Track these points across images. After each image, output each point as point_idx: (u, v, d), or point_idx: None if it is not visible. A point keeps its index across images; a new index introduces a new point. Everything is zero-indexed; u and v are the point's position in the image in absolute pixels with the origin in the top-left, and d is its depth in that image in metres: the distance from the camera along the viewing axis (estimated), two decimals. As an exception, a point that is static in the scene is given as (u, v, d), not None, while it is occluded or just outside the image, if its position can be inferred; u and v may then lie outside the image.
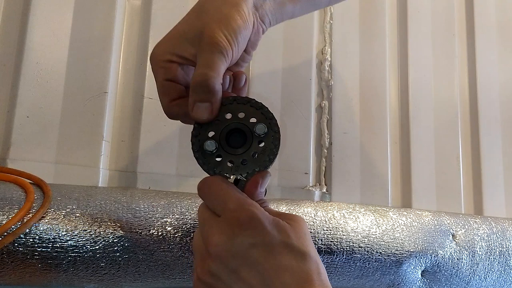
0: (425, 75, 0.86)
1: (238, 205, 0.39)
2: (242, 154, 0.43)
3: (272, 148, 0.43)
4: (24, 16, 0.61)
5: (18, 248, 0.46)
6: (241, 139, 0.43)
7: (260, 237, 0.37)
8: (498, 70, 0.93)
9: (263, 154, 0.43)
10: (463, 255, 0.68)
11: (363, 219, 0.63)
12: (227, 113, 0.44)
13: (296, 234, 0.38)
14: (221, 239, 0.37)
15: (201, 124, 0.43)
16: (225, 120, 0.44)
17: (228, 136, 0.44)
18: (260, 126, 0.43)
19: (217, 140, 0.43)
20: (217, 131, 0.43)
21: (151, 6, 0.68)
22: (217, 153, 0.43)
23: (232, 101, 0.44)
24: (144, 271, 0.52)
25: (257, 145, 0.43)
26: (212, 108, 0.42)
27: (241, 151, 0.43)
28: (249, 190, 0.43)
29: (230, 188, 0.41)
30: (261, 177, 0.43)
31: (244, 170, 0.43)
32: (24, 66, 0.60)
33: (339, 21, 0.81)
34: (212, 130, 0.43)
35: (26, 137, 0.59)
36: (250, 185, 0.43)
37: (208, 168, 0.43)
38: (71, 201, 0.51)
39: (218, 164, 0.43)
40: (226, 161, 0.43)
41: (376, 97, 0.81)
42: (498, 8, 0.96)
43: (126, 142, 0.65)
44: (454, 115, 0.87)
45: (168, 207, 0.54)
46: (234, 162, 0.43)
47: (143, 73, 0.67)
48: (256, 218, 0.38)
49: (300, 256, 0.37)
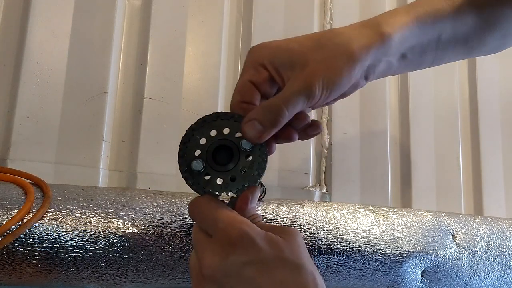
0: (425, 75, 0.86)
1: (228, 223, 0.38)
2: (231, 171, 0.43)
3: (259, 161, 0.42)
4: (24, 16, 0.61)
5: (18, 248, 0.46)
6: (228, 155, 0.43)
7: (253, 254, 0.36)
8: (498, 70, 0.93)
9: (251, 168, 0.42)
10: (463, 255, 0.68)
11: (363, 219, 0.63)
12: (212, 129, 0.43)
13: (289, 247, 0.38)
14: (214, 260, 0.37)
15: (186, 143, 0.43)
16: (210, 137, 0.43)
17: (215, 154, 0.43)
18: (245, 140, 0.42)
19: (203, 159, 0.43)
20: (203, 150, 0.43)
21: (151, 6, 0.68)
22: (205, 172, 0.43)
23: (216, 117, 0.43)
24: (144, 272, 0.52)
25: (245, 160, 0.43)
26: (262, 136, 0.41)
27: (229, 167, 0.43)
28: (240, 207, 0.42)
29: (220, 207, 0.41)
30: (251, 192, 0.43)
31: (234, 187, 0.42)
32: (24, 66, 0.60)
33: (339, 21, 0.81)
34: (198, 149, 0.43)
35: (26, 137, 0.59)
36: (241, 202, 0.42)
37: (198, 187, 0.43)
38: (71, 201, 0.51)
39: (207, 183, 0.43)
40: (215, 179, 0.43)
41: (376, 97, 0.81)
42: (498, 8, 0.96)
43: (126, 142, 0.65)
44: (454, 115, 0.87)
45: (168, 207, 0.54)
46: (223, 180, 0.43)
47: (143, 73, 0.67)
48: (247, 235, 0.37)
49: (295, 269, 0.37)
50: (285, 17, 0.77)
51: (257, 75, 0.44)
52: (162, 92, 0.67)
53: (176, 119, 0.67)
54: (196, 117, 0.45)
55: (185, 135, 0.44)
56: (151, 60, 0.67)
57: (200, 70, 0.70)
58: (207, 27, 0.72)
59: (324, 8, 0.81)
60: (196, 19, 0.71)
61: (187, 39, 0.70)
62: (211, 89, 0.70)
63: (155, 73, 0.67)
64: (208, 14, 0.72)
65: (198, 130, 0.44)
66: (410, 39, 0.45)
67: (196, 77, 0.70)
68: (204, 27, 0.71)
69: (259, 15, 0.75)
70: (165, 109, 0.67)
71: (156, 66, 0.67)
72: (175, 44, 0.69)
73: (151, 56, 0.67)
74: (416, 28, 0.45)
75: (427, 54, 0.48)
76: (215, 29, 0.72)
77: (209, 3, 0.72)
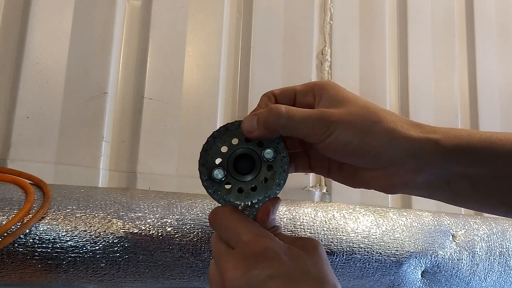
0: (425, 75, 0.86)
1: (252, 236, 0.38)
2: (252, 181, 0.42)
3: (281, 172, 0.42)
4: (24, 16, 0.61)
5: (18, 248, 0.46)
6: (249, 164, 0.42)
7: (277, 268, 0.36)
8: (498, 70, 0.93)
9: (272, 179, 0.42)
10: (463, 255, 0.68)
11: (363, 220, 0.63)
12: (233, 138, 0.42)
13: (312, 260, 0.38)
14: (237, 274, 0.36)
15: (207, 151, 0.42)
16: (232, 146, 0.42)
17: (236, 162, 0.42)
18: (268, 150, 0.41)
19: (225, 167, 0.42)
20: (225, 158, 0.42)
21: (151, 6, 0.68)
22: (226, 181, 0.42)
23: (238, 126, 0.42)
24: (144, 272, 0.52)
25: (266, 170, 0.42)
26: (253, 133, 0.40)
27: (250, 177, 0.42)
28: (261, 218, 0.41)
29: (243, 219, 0.40)
30: (272, 204, 0.42)
31: (255, 197, 0.41)
32: (24, 66, 0.60)
33: (339, 21, 0.81)
34: (219, 157, 0.42)
35: (26, 138, 0.59)
36: (262, 213, 0.41)
37: (218, 197, 0.42)
38: (71, 202, 0.51)
39: (228, 192, 0.42)
40: (236, 188, 0.42)
41: (376, 97, 0.81)
42: (498, 8, 0.96)
43: (126, 143, 0.65)
44: (454, 115, 0.87)
45: (168, 207, 0.54)
46: (244, 189, 0.42)
47: (143, 73, 0.67)
48: (271, 249, 0.37)
49: (318, 283, 0.37)
50: (285, 17, 0.77)
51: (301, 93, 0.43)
52: (162, 92, 0.67)
53: (176, 119, 0.67)
54: (196, 117, 0.45)
55: (206, 143, 0.43)
56: (151, 60, 0.67)
57: (200, 70, 0.70)
58: (207, 27, 0.72)
59: (324, 8, 0.81)
60: (196, 19, 0.71)
61: (187, 39, 0.70)
62: (211, 89, 0.70)
63: (155, 73, 0.67)
64: (208, 14, 0.72)
65: (219, 138, 0.43)
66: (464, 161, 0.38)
67: (196, 77, 0.70)
68: (204, 27, 0.71)
69: (259, 15, 0.75)
70: (165, 109, 0.66)
71: (156, 66, 0.67)
72: (175, 44, 0.69)
73: (151, 56, 0.67)
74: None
75: None
76: (215, 29, 0.72)
77: (209, 3, 0.72)
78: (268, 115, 0.40)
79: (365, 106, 0.39)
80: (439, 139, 0.38)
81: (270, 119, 0.40)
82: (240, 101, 0.73)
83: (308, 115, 0.39)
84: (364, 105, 0.39)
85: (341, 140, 0.38)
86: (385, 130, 0.38)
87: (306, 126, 0.39)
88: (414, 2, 0.88)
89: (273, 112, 0.40)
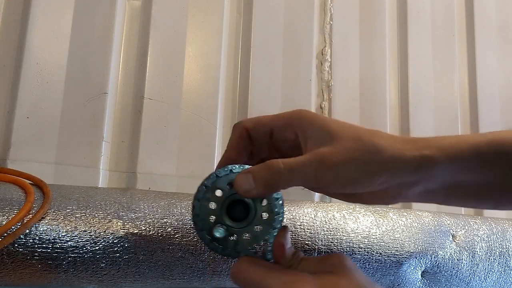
0: (425, 75, 0.86)
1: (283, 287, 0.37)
2: (253, 222, 0.40)
3: (277, 202, 0.41)
4: (24, 16, 0.61)
5: (18, 248, 0.46)
6: (243, 208, 0.41)
7: None
8: (498, 70, 0.93)
9: (271, 212, 0.40)
10: (463, 255, 0.68)
11: (363, 220, 0.63)
12: (216, 190, 0.41)
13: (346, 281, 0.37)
14: None
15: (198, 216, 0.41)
16: (219, 198, 0.41)
17: (229, 211, 0.41)
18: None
19: (222, 222, 0.40)
20: (218, 214, 0.41)
21: (151, 6, 0.68)
22: (229, 233, 0.41)
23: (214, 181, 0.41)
24: (144, 272, 0.52)
25: (261, 206, 0.40)
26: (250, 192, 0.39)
27: (250, 219, 0.41)
28: (279, 255, 0.41)
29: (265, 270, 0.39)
30: (283, 236, 0.41)
31: (263, 236, 0.40)
32: (24, 66, 0.60)
33: (339, 21, 0.81)
34: (211, 215, 0.41)
35: (26, 138, 0.59)
36: (277, 250, 0.41)
37: (230, 253, 0.41)
38: (71, 202, 0.51)
39: (236, 244, 0.41)
40: (241, 236, 0.40)
41: (376, 97, 0.81)
42: (498, 8, 0.96)
43: (126, 143, 0.65)
44: (454, 115, 0.87)
45: (168, 207, 0.54)
46: (250, 233, 0.40)
47: (143, 73, 0.67)
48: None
49: None
50: (285, 17, 0.77)
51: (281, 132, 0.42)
52: (162, 93, 0.67)
53: (176, 119, 0.67)
54: (196, 117, 0.45)
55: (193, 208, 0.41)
56: (151, 60, 0.67)
57: (200, 70, 0.70)
58: (207, 27, 0.72)
59: (324, 8, 0.81)
60: (196, 19, 0.71)
61: (187, 39, 0.70)
62: (211, 89, 0.70)
63: (155, 73, 0.67)
64: (208, 15, 0.72)
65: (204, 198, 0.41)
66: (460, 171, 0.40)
67: (196, 77, 0.70)
68: (204, 27, 0.71)
69: (259, 15, 0.75)
70: (165, 110, 0.66)
71: (156, 66, 0.67)
72: (175, 44, 0.69)
73: (151, 56, 0.67)
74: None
75: None
76: (215, 29, 0.72)
77: (209, 4, 0.72)
78: (268, 174, 0.39)
79: (358, 138, 0.39)
80: (434, 155, 0.39)
81: (271, 178, 0.39)
82: (240, 101, 0.73)
83: (307, 163, 0.38)
84: (356, 136, 0.39)
85: (345, 178, 0.38)
86: (386, 158, 0.38)
87: (310, 176, 0.38)
88: (414, 2, 0.88)
89: (273, 170, 0.39)
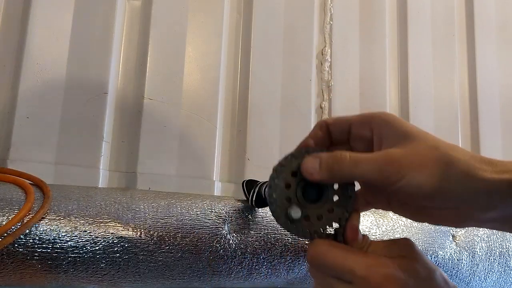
0: (425, 75, 0.86)
1: (366, 270, 0.37)
2: (326, 204, 0.41)
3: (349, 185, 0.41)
4: (24, 16, 0.61)
5: (18, 248, 0.46)
6: (316, 189, 0.41)
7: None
8: (498, 70, 0.93)
9: (344, 194, 0.41)
10: (463, 255, 0.68)
11: (363, 220, 0.63)
12: (293, 170, 0.41)
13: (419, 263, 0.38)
14: None
15: (273, 195, 0.40)
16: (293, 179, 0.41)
17: (304, 192, 0.41)
18: None
19: (296, 202, 0.40)
20: (292, 195, 0.41)
21: (151, 6, 0.68)
22: (304, 215, 0.40)
23: (304, 153, 0.41)
24: (144, 272, 0.52)
25: (333, 189, 0.41)
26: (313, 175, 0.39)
27: (322, 200, 0.41)
28: (352, 239, 0.40)
29: (347, 253, 0.39)
30: (356, 219, 0.41)
31: (336, 218, 0.41)
32: (24, 66, 0.60)
33: (339, 22, 0.81)
34: (287, 195, 0.41)
35: (26, 138, 0.59)
36: (351, 233, 0.40)
37: (305, 234, 0.40)
38: (71, 202, 0.51)
39: (311, 226, 0.40)
40: (314, 217, 0.40)
41: (376, 97, 0.81)
42: (498, 8, 0.96)
43: (126, 143, 0.65)
44: (454, 115, 0.87)
45: (168, 208, 0.54)
46: (323, 216, 0.41)
47: (143, 73, 0.67)
48: (389, 275, 0.36)
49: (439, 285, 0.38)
50: (285, 17, 0.77)
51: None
52: (162, 93, 0.67)
53: (176, 119, 0.67)
54: (196, 117, 0.45)
55: (269, 187, 0.41)
56: (151, 60, 0.67)
57: (200, 71, 0.70)
58: (207, 27, 0.72)
59: (324, 8, 0.81)
60: (196, 19, 0.71)
61: (187, 39, 0.70)
62: (211, 90, 0.70)
63: (155, 73, 0.67)
64: (208, 15, 0.72)
65: (279, 177, 0.41)
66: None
67: (196, 77, 0.70)
68: (204, 27, 0.71)
69: (259, 15, 0.75)
70: (165, 110, 0.66)
71: (156, 67, 0.67)
72: (175, 44, 0.69)
73: (151, 56, 0.67)
74: None
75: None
76: (215, 29, 0.72)
77: (209, 4, 0.72)
78: (332, 162, 0.39)
79: (434, 146, 0.37)
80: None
81: (335, 167, 0.39)
82: (240, 101, 0.73)
83: (375, 160, 0.38)
84: (432, 144, 0.37)
85: (413, 184, 0.36)
86: (460, 174, 0.36)
87: (374, 172, 0.37)
88: (414, 2, 0.88)
89: (338, 159, 0.39)
